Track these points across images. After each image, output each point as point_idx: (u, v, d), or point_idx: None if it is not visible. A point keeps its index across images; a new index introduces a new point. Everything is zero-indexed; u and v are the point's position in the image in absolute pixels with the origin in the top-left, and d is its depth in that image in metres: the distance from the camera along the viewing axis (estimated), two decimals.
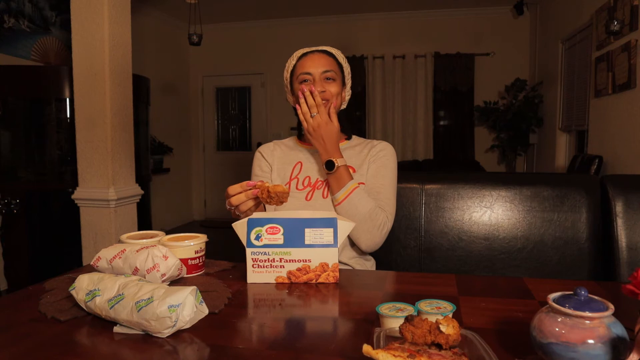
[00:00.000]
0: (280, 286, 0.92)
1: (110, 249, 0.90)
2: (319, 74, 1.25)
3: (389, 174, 1.27)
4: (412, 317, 0.56)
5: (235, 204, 1.03)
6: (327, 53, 1.30)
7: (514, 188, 1.36)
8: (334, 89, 1.26)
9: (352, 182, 1.19)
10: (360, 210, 1.16)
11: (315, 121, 1.19)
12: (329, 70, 1.26)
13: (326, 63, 1.26)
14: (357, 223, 1.15)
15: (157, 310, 0.66)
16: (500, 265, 1.33)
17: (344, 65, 1.32)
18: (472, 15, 5.41)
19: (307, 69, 1.26)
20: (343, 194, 1.17)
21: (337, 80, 1.27)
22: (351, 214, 1.16)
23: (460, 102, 5.55)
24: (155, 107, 4.13)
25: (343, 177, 1.18)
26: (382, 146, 1.32)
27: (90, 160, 2.39)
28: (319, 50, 1.30)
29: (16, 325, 0.72)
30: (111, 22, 2.32)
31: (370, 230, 1.17)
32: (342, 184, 1.18)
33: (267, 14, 5.58)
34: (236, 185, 1.04)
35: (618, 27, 3.01)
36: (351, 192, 1.17)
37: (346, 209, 1.17)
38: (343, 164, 1.19)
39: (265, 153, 1.37)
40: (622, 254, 1.26)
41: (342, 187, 1.18)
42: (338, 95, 1.27)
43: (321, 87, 1.24)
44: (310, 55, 1.28)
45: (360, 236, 1.18)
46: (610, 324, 0.53)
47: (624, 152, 3.17)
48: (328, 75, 1.26)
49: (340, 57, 1.32)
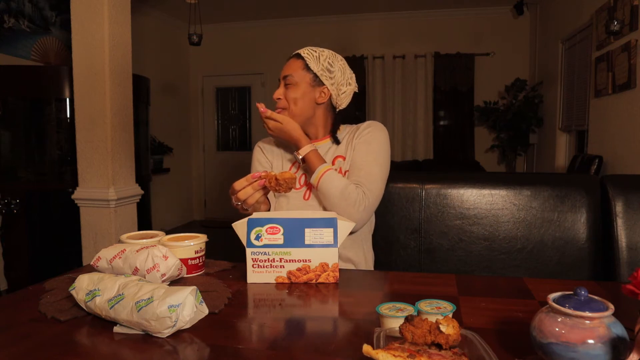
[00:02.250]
0: (280, 286, 0.92)
1: (110, 249, 0.90)
2: (282, 79, 1.29)
3: (374, 149, 1.26)
4: (412, 317, 0.56)
5: (243, 198, 1.03)
6: (297, 56, 1.30)
7: (514, 188, 1.36)
8: (292, 93, 1.26)
9: (323, 166, 1.20)
10: (332, 192, 1.17)
11: (270, 127, 1.25)
12: (287, 76, 1.28)
13: (290, 68, 1.28)
14: (331, 203, 1.18)
15: (157, 310, 0.66)
16: (500, 265, 1.33)
17: (314, 66, 1.28)
18: (472, 15, 5.41)
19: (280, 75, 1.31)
20: (315, 178, 1.19)
21: (298, 84, 1.27)
22: (325, 197, 1.19)
23: (460, 102, 5.55)
24: (155, 107, 4.13)
25: (313, 163, 1.21)
26: (367, 124, 1.32)
27: (90, 160, 2.39)
28: (294, 54, 1.31)
29: (16, 325, 0.72)
30: (111, 22, 2.32)
31: (345, 209, 1.17)
32: (313, 169, 1.20)
33: (267, 14, 5.58)
34: (241, 179, 1.04)
35: (618, 27, 3.01)
36: (322, 175, 1.19)
37: (321, 192, 1.19)
38: (308, 150, 1.22)
39: (265, 148, 1.37)
40: (622, 254, 1.26)
41: (313, 173, 1.20)
42: (299, 99, 1.27)
43: (278, 94, 1.28)
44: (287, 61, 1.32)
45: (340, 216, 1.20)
46: (610, 324, 0.53)
47: (624, 152, 3.17)
48: (287, 82, 1.28)
49: (310, 57, 1.29)
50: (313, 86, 1.28)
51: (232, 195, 1.07)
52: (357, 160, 1.25)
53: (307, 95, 1.28)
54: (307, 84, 1.28)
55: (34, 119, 2.75)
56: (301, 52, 1.30)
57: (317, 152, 1.23)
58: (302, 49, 1.31)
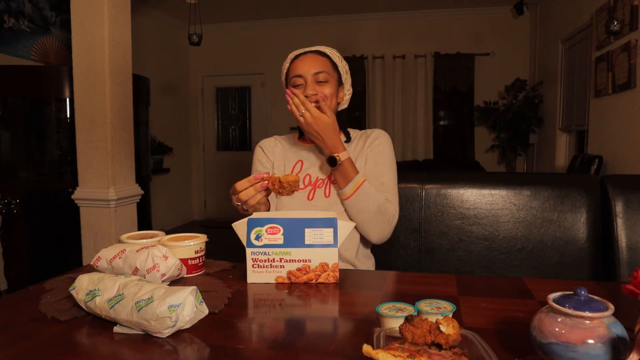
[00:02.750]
0: (280, 286, 0.92)
1: (110, 249, 0.90)
2: (310, 76, 1.23)
3: (388, 161, 1.26)
4: (412, 317, 0.56)
5: (244, 199, 1.02)
6: (320, 53, 1.27)
7: (514, 188, 1.36)
8: (327, 90, 1.23)
9: (359, 176, 1.17)
10: (370, 205, 1.16)
11: (305, 118, 1.16)
12: (321, 72, 1.23)
13: (318, 64, 1.24)
14: (367, 217, 1.16)
15: (157, 310, 0.66)
16: (500, 265, 1.33)
17: (339, 65, 1.29)
18: (472, 15, 5.41)
19: (299, 71, 1.24)
20: (351, 188, 1.16)
21: (330, 81, 1.25)
22: (361, 209, 1.16)
23: (460, 102, 5.55)
24: (155, 107, 4.13)
25: (348, 172, 1.17)
26: (377, 134, 1.31)
27: (90, 160, 2.39)
28: (312, 51, 1.28)
29: (16, 325, 0.72)
30: (111, 22, 2.32)
31: (381, 224, 1.17)
32: (349, 178, 1.16)
33: (267, 14, 5.58)
34: (243, 180, 1.03)
35: (618, 27, 3.01)
36: (359, 187, 1.16)
37: (355, 203, 1.16)
38: (346, 157, 1.17)
39: (266, 148, 1.36)
40: (622, 254, 1.26)
41: (349, 182, 1.16)
42: (333, 96, 1.25)
43: (312, 90, 1.21)
44: (302, 57, 1.26)
45: (372, 230, 1.19)
46: (610, 324, 0.53)
47: (624, 152, 3.17)
48: (320, 78, 1.23)
49: (334, 56, 1.29)
50: (337, 86, 1.28)
51: (232, 195, 1.05)
52: (376, 174, 1.24)
53: (335, 95, 1.26)
54: (335, 82, 1.26)
55: (34, 119, 2.75)
56: (323, 50, 1.27)
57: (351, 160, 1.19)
58: (317, 46, 1.29)
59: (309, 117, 1.16)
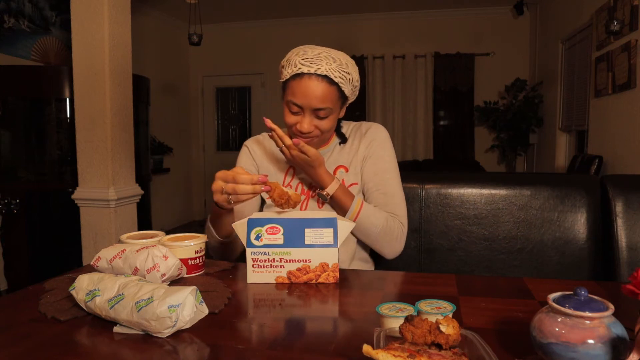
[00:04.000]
0: (280, 286, 0.92)
1: (110, 249, 0.90)
2: (309, 109, 1.08)
3: (390, 167, 1.20)
4: (412, 317, 0.56)
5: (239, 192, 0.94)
6: (328, 80, 1.07)
7: (514, 188, 1.36)
8: (326, 124, 1.11)
9: (355, 203, 1.12)
10: (373, 230, 1.13)
11: (284, 154, 1.11)
12: (323, 109, 1.08)
13: (321, 96, 1.06)
14: (373, 239, 1.14)
15: (157, 310, 0.66)
16: (500, 265, 1.33)
17: (348, 90, 1.12)
18: (472, 15, 5.41)
19: (298, 99, 1.07)
20: (350, 216, 1.11)
21: (333, 113, 1.11)
22: (365, 234, 1.14)
23: (460, 102, 5.56)
24: (155, 107, 4.13)
25: (342, 202, 1.11)
26: (373, 133, 1.22)
27: (90, 160, 2.39)
28: (319, 74, 1.06)
29: (16, 325, 0.72)
30: (111, 22, 2.32)
31: (389, 243, 1.15)
32: (345, 208, 1.11)
33: (267, 14, 5.58)
34: (245, 175, 0.95)
35: (618, 27, 3.01)
36: (358, 213, 1.11)
37: (358, 229, 1.13)
38: (335, 188, 1.11)
39: (255, 152, 1.26)
40: (622, 254, 1.26)
41: (346, 212, 1.12)
42: (332, 126, 1.15)
43: (309, 125, 1.10)
44: (305, 81, 1.06)
45: (382, 249, 1.17)
46: (610, 324, 0.53)
47: (624, 152, 3.17)
48: (321, 114, 1.09)
49: (345, 83, 1.09)
50: (341, 107, 1.17)
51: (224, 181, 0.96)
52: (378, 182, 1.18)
53: (336, 117, 1.16)
54: (337, 111, 1.15)
55: (34, 119, 2.75)
56: (332, 77, 1.06)
57: (344, 185, 1.14)
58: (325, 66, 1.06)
59: (287, 154, 1.09)
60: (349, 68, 1.10)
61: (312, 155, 1.07)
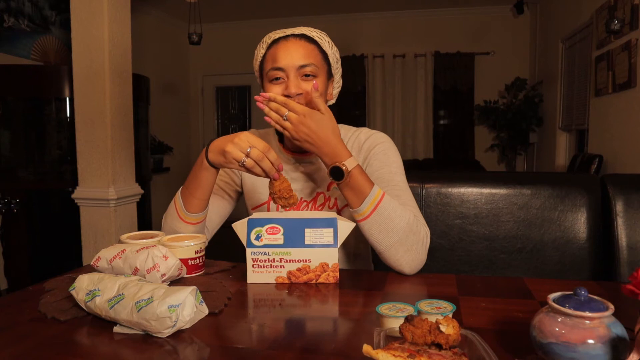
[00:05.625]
0: (280, 286, 0.92)
1: (110, 249, 0.90)
2: (294, 69, 0.98)
3: (398, 168, 1.05)
4: (412, 317, 0.56)
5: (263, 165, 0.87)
6: (307, 38, 1.00)
7: (514, 187, 1.36)
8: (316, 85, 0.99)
9: (376, 189, 0.92)
10: (396, 224, 0.92)
11: (291, 121, 0.91)
12: (308, 65, 0.98)
13: (304, 54, 0.98)
14: (394, 240, 0.92)
15: (157, 310, 0.66)
16: (501, 265, 1.33)
17: (330, 53, 1.03)
18: (472, 14, 5.41)
19: (279, 62, 0.98)
20: (369, 205, 0.91)
21: (320, 75, 1.00)
22: (384, 229, 0.92)
23: (460, 102, 5.55)
24: (155, 107, 4.13)
25: (361, 184, 0.91)
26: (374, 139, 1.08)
27: (90, 159, 2.39)
28: (296, 34, 1.01)
29: (16, 325, 0.72)
30: (111, 22, 2.32)
31: (413, 247, 0.93)
32: (364, 192, 0.91)
33: (267, 13, 5.57)
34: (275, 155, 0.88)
35: (618, 26, 3.01)
36: (380, 201, 0.91)
37: (376, 224, 0.92)
38: (354, 164, 0.91)
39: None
40: (622, 253, 1.26)
41: (364, 197, 0.91)
42: (322, 94, 1.00)
43: (296, 87, 0.97)
44: (283, 44, 1.00)
45: (402, 256, 0.94)
46: (610, 324, 0.53)
47: (624, 151, 3.16)
48: (307, 71, 0.98)
49: (324, 41, 1.03)
50: (327, 79, 1.04)
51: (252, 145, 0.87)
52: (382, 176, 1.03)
53: (325, 91, 1.02)
54: (325, 75, 1.02)
55: (34, 118, 2.75)
56: (309, 33, 1.01)
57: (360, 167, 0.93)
58: (302, 27, 1.02)
59: (295, 119, 0.90)
60: (327, 37, 1.06)
61: (326, 112, 0.92)
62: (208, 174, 0.98)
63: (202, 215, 1.04)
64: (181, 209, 1.04)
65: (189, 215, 1.03)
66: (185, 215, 1.04)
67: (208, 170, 0.97)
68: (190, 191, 1.02)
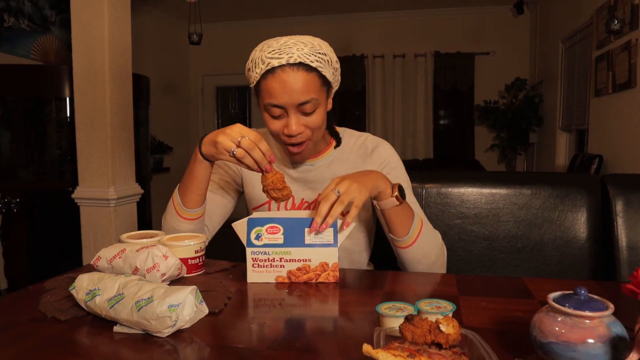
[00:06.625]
0: (280, 286, 0.92)
1: (110, 248, 0.90)
2: (294, 107, 0.95)
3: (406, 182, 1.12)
4: (412, 317, 0.56)
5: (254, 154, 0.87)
6: (306, 67, 0.93)
7: (514, 187, 1.36)
8: (315, 120, 0.97)
9: (417, 216, 0.99)
10: (432, 250, 1.01)
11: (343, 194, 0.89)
12: (308, 101, 0.94)
13: (303, 87, 0.93)
14: (428, 263, 1.02)
15: (157, 309, 0.66)
16: (501, 265, 1.33)
17: (329, 73, 0.99)
18: (472, 14, 5.41)
19: (277, 99, 0.94)
20: (414, 233, 0.97)
21: (319, 105, 0.97)
22: (423, 256, 1.01)
23: (460, 102, 5.55)
24: (156, 107, 4.13)
25: (408, 213, 0.96)
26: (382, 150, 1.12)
27: (90, 159, 2.39)
28: (292, 64, 0.93)
29: (16, 325, 0.72)
30: (111, 21, 2.32)
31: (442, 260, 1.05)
32: (408, 222, 0.96)
33: (267, 12, 5.57)
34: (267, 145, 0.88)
35: (618, 26, 3.01)
36: (421, 230, 0.99)
37: (417, 251, 1.00)
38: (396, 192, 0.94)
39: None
40: (622, 253, 1.26)
41: (409, 226, 0.97)
42: (323, 123, 1.00)
43: (298, 126, 0.96)
44: (279, 75, 0.93)
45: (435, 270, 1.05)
46: (610, 323, 0.53)
47: (624, 151, 3.16)
48: (307, 109, 0.95)
49: (323, 64, 0.96)
50: (327, 98, 1.02)
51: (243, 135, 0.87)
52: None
53: (325, 111, 1.01)
54: (325, 99, 1.00)
55: (34, 118, 2.75)
56: (308, 62, 0.94)
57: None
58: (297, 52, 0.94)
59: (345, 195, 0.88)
60: (324, 49, 0.97)
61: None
62: (202, 168, 0.98)
63: (199, 211, 1.05)
64: (179, 205, 1.04)
65: (187, 211, 1.04)
66: (183, 211, 1.04)
67: (202, 163, 0.98)
68: (187, 186, 1.02)
